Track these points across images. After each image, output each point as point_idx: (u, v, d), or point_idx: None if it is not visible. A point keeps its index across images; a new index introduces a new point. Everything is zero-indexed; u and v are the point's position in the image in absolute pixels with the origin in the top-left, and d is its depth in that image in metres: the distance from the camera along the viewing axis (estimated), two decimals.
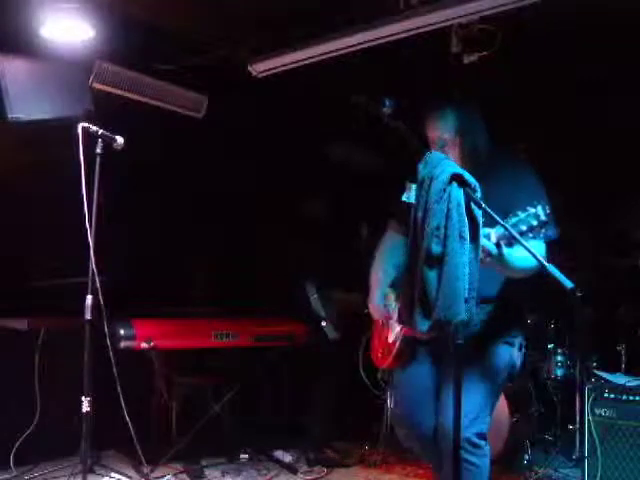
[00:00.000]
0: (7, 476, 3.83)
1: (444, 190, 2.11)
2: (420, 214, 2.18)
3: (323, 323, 4.69)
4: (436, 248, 2.10)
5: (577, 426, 4.18)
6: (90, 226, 3.09)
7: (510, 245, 2.26)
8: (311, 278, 4.87)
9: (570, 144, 4.75)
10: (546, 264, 2.04)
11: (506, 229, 2.12)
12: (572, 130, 4.72)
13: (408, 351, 2.76)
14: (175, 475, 4.05)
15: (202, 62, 4.17)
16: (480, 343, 2.54)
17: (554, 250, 2.54)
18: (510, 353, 2.65)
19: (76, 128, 3.08)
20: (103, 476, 3.96)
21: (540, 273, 2.15)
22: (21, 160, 4.37)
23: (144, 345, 3.79)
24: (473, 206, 2.12)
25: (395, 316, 2.78)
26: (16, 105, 3.56)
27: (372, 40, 3.47)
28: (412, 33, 3.36)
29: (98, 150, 3.17)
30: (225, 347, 4.16)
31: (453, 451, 2.11)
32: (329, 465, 4.39)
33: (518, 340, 2.70)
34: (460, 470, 2.14)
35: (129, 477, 3.97)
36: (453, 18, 3.24)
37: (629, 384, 3.72)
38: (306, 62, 3.75)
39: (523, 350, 2.74)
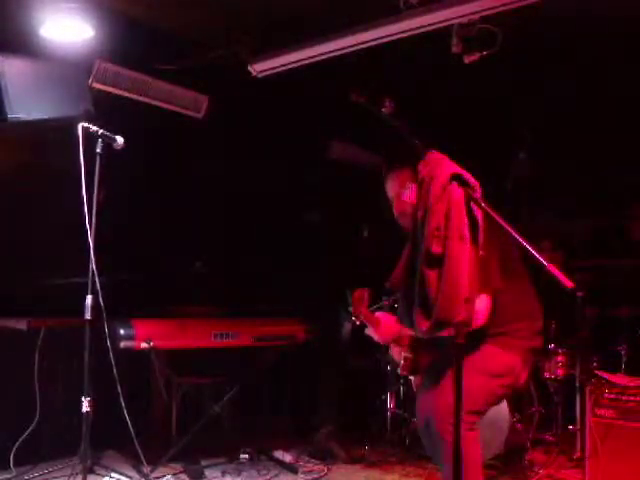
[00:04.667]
0: (7, 476, 3.83)
1: (444, 190, 2.11)
2: (420, 214, 2.18)
3: (348, 324, 4.67)
4: (436, 248, 2.10)
5: (578, 426, 4.18)
6: (90, 226, 3.09)
7: None
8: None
9: (571, 143, 4.74)
10: (546, 264, 2.03)
11: (509, 230, 2.12)
12: (572, 130, 4.72)
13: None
14: (175, 475, 4.05)
15: (202, 62, 4.18)
16: None
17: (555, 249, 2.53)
18: None
19: (76, 128, 3.07)
20: (103, 476, 3.95)
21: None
22: (21, 160, 4.38)
23: (144, 345, 3.78)
24: (473, 206, 2.12)
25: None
26: (16, 105, 3.56)
27: (372, 40, 3.47)
28: (412, 33, 3.36)
29: (98, 150, 3.16)
30: (225, 347, 4.15)
31: (454, 447, 2.09)
32: (332, 458, 4.39)
33: None
34: (460, 467, 2.13)
35: (129, 477, 3.96)
36: (453, 18, 3.25)
37: (629, 384, 3.72)
38: (306, 62, 3.75)
39: None
